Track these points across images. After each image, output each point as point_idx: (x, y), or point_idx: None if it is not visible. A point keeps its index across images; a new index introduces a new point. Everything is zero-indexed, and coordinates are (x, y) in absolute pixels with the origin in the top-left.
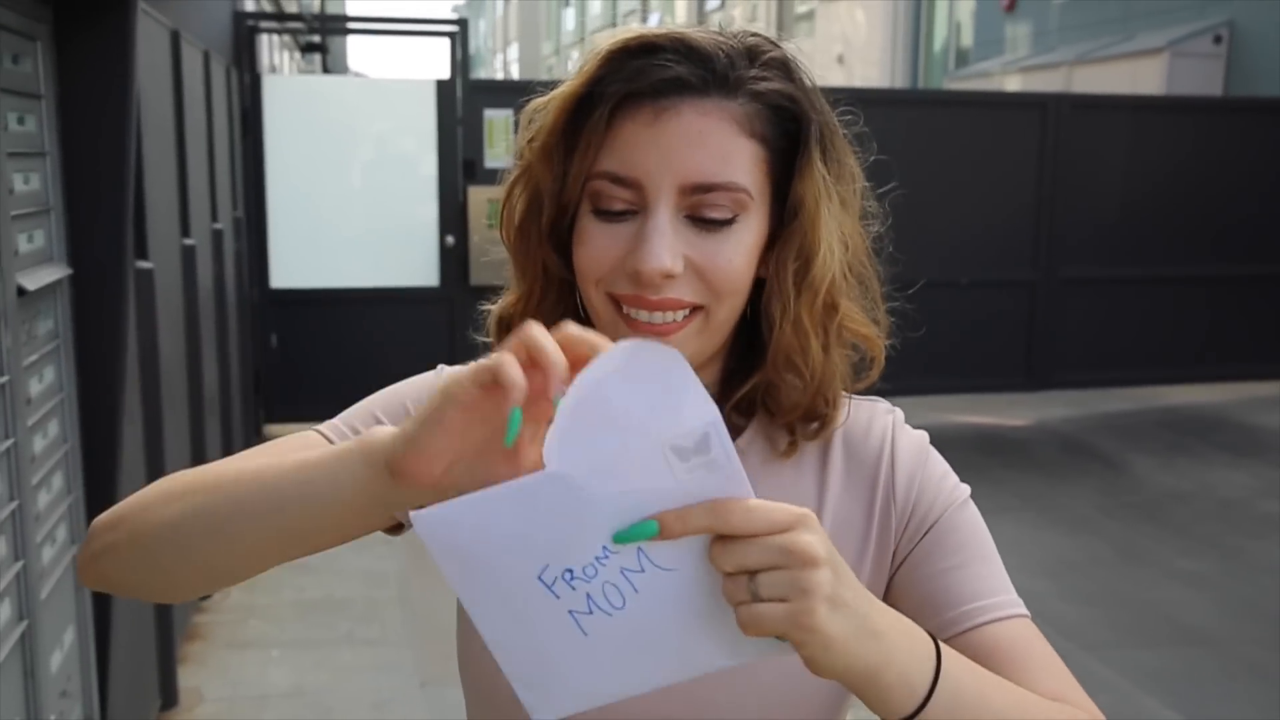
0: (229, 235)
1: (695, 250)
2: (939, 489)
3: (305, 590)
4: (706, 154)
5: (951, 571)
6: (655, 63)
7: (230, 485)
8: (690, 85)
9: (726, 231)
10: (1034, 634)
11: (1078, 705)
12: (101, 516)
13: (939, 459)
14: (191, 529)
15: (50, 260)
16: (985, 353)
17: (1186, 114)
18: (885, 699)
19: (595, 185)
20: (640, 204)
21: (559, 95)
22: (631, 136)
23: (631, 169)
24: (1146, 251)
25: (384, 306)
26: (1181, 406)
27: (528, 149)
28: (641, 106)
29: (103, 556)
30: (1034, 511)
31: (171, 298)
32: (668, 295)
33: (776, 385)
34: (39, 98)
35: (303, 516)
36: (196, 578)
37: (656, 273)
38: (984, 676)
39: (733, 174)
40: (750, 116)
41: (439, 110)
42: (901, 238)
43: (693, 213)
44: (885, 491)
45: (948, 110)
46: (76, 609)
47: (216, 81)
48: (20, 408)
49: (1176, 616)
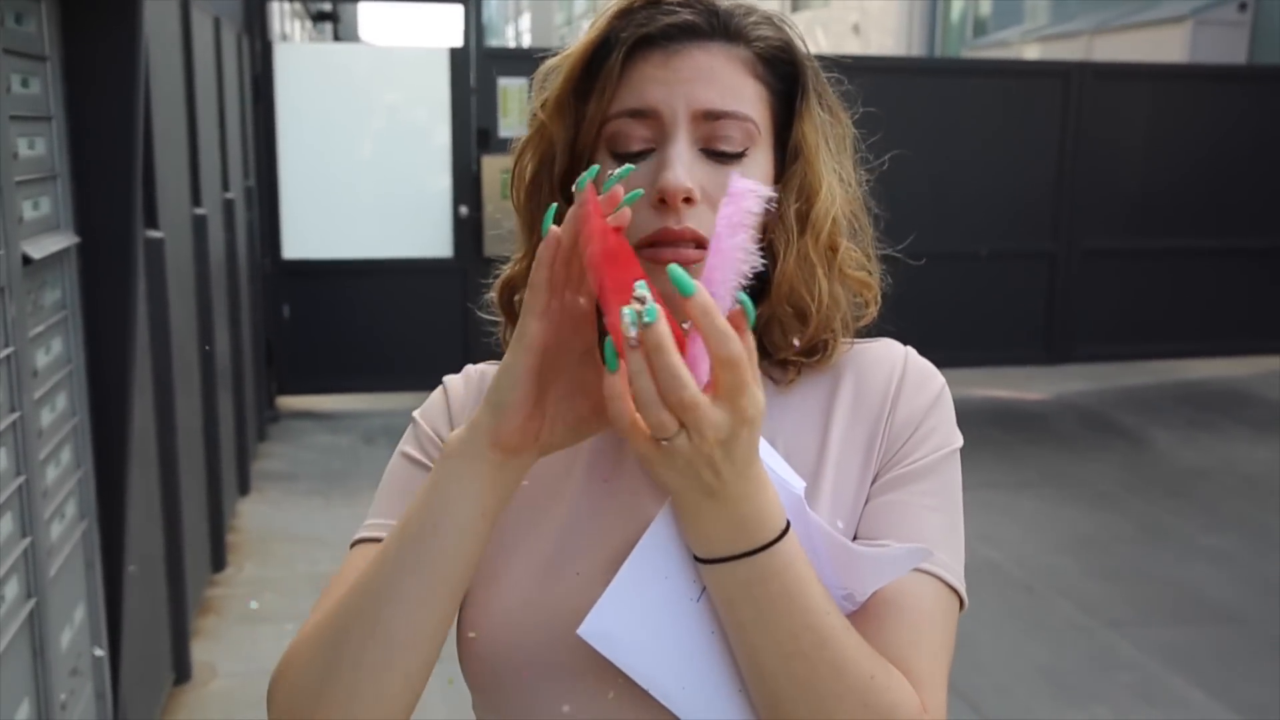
0: (240, 205)
1: (710, 182)
2: (934, 430)
3: (319, 563)
4: (717, 86)
5: (911, 507)
6: (663, 11)
7: (364, 582)
8: (699, 29)
9: (738, 165)
10: (941, 606)
11: (910, 678)
12: (273, 694)
13: (948, 405)
14: (363, 626)
15: (57, 228)
16: (1004, 326)
17: (1210, 83)
18: (701, 528)
19: (612, 126)
20: (657, 138)
21: (574, 50)
22: (645, 75)
23: (646, 101)
24: (1169, 223)
25: (397, 277)
26: (1204, 381)
27: (540, 110)
28: (653, 50)
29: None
30: (1054, 487)
31: (182, 268)
32: (688, 225)
33: (776, 320)
34: (44, 59)
35: (450, 552)
36: (392, 678)
37: (679, 191)
38: (811, 587)
39: (742, 105)
40: (752, 60)
41: (452, 79)
42: (920, 209)
43: (707, 144)
44: (887, 416)
45: (968, 79)
46: (87, 586)
47: (227, 49)
48: (27, 380)
49: (1200, 593)
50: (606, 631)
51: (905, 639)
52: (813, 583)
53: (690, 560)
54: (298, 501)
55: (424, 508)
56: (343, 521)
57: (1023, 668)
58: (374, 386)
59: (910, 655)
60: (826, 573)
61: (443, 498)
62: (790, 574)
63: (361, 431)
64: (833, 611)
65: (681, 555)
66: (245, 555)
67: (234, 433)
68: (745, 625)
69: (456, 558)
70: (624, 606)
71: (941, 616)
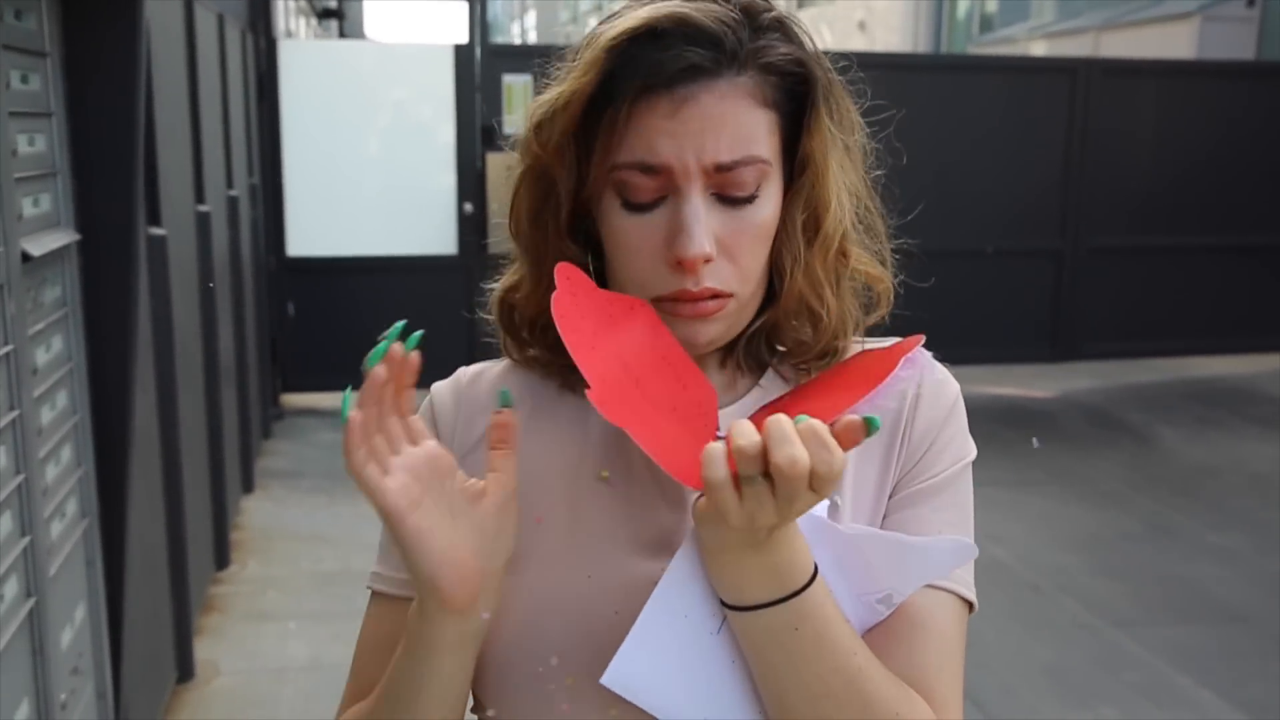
0: (245, 202)
1: (724, 228)
2: (951, 442)
3: (323, 562)
4: (728, 135)
5: (929, 523)
6: (665, 53)
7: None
8: (704, 70)
9: (751, 207)
10: (960, 623)
11: (929, 698)
12: None
13: (963, 413)
14: None
15: (57, 225)
16: (1010, 323)
17: (1219, 79)
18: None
19: (621, 176)
20: (668, 187)
21: (570, 94)
22: (652, 128)
23: (658, 157)
24: (1176, 220)
25: (402, 275)
26: (1211, 378)
27: (535, 144)
28: (658, 98)
29: None
30: (1060, 485)
31: (186, 265)
32: (706, 285)
33: (783, 328)
34: (44, 55)
35: (439, 697)
36: None
37: (699, 258)
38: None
39: (753, 148)
40: (761, 87)
41: (457, 75)
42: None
43: (719, 191)
44: (905, 428)
45: (975, 76)
46: (88, 585)
47: (231, 45)
48: (26, 378)
49: (1208, 592)
50: (630, 677)
51: (931, 662)
52: (840, 623)
53: (709, 593)
54: (302, 499)
55: (404, 675)
56: (347, 519)
57: (1028, 667)
58: None
59: (934, 680)
60: (864, 580)
61: (420, 663)
62: (820, 616)
63: None
64: (859, 651)
65: (701, 590)
66: (249, 553)
67: (238, 430)
68: (775, 668)
69: (445, 698)
70: (646, 651)
71: (961, 635)
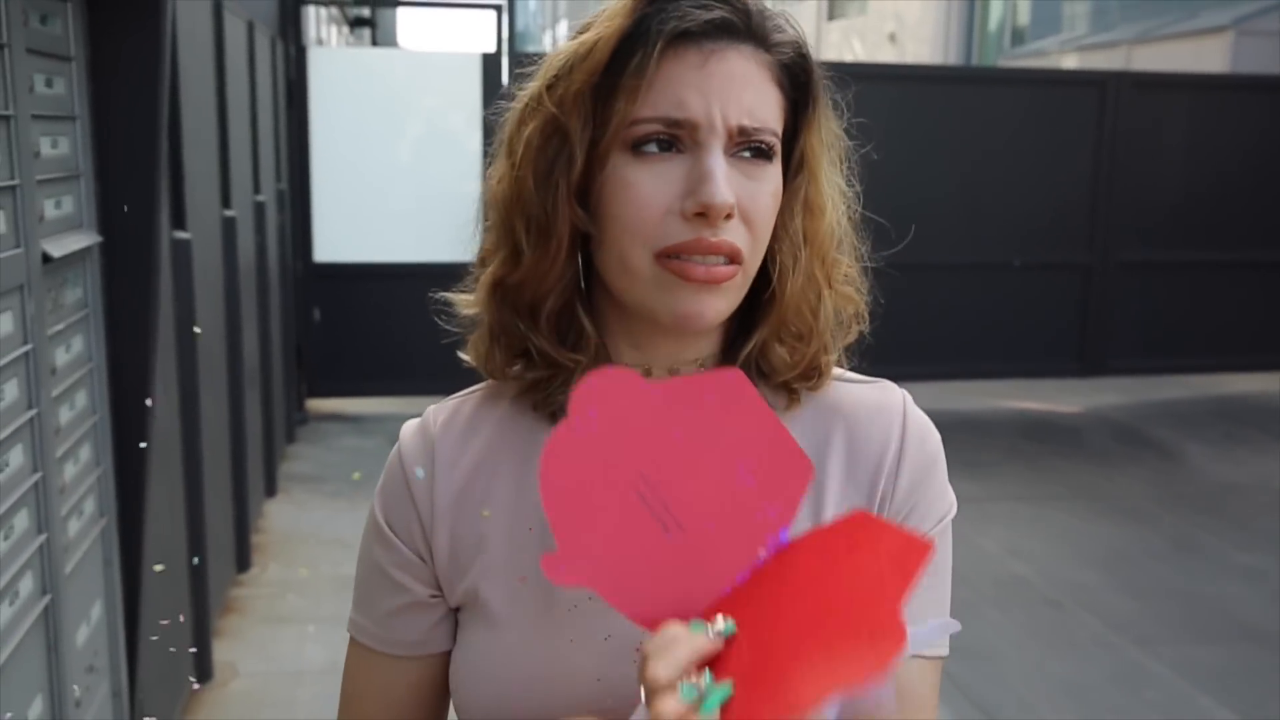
0: (272, 208)
1: (741, 189)
2: (936, 501)
3: (343, 566)
4: (750, 99)
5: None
6: (695, 3)
7: None
8: (734, 28)
9: (764, 172)
10: (932, 680)
11: None
12: None
13: (943, 465)
14: None
15: (79, 227)
16: (1037, 337)
17: (1252, 94)
18: None
19: (640, 130)
20: (688, 143)
21: (595, 41)
22: (680, 78)
23: (684, 110)
24: (1206, 236)
25: (428, 282)
26: (1240, 395)
27: (550, 99)
28: (688, 49)
29: None
30: (1085, 501)
31: (211, 269)
32: (724, 237)
33: (772, 345)
34: (69, 60)
35: None
36: None
37: (723, 208)
38: None
39: (770, 119)
40: (775, 66)
41: (484, 84)
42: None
43: (737, 153)
44: (886, 486)
45: (1004, 88)
46: (105, 583)
47: (261, 53)
48: (45, 377)
49: (1233, 612)
50: None
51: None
52: None
53: None
54: (324, 503)
55: None
56: None
57: (1047, 684)
58: (403, 390)
59: None
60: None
61: None
62: None
63: (390, 434)
64: None
65: None
66: (270, 556)
67: (262, 434)
68: None
69: None
70: None
71: (936, 691)
